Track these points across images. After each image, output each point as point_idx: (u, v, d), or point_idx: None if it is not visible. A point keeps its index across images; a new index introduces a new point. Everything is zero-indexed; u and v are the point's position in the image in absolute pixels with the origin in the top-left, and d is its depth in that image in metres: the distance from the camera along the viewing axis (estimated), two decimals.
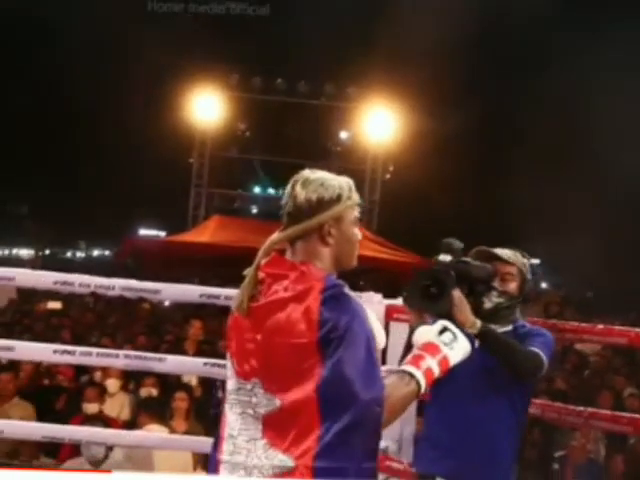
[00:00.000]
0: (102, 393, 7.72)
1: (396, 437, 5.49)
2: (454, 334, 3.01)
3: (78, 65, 27.28)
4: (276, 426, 2.76)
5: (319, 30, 23.46)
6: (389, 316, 5.36)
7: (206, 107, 24.09)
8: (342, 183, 2.93)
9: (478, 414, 3.98)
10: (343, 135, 25.88)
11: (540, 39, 24.84)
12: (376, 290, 6.04)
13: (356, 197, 2.96)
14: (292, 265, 2.86)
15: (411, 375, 2.84)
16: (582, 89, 22.91)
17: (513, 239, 3.93)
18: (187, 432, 6.75)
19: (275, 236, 2.92)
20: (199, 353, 8.43)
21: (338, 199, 2.89)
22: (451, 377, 3.76)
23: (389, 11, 23.54)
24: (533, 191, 27.12)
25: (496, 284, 4.03)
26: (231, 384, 2.91)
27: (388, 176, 26.18)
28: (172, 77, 24.15)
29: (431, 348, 2.95)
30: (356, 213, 2.96)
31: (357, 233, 2.97)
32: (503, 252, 4.13)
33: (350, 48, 22.53)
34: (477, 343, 3.71)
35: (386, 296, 5.79)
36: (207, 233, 21.49)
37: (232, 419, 2.88)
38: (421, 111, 23.82)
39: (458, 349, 2.99)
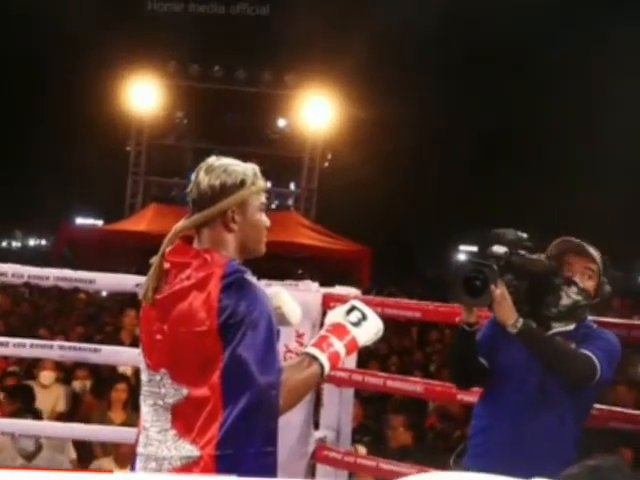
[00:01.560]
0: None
1: (334, 426, 5.48)
2: (363, 313, 2.95)
3: (23, 47, 26.86)
4: (184, 416, 2.77)
5: (255, 16, 23.39)
6: (326, 305, 5.34)
7: (143, 95, 23.91)
8: (247, 169, 2.93)
9: (522, 421, 3.59)
10: (281, 123, 25.85)
11: (484, 20, 24.93)
12: (315, 278, 6.04)
13: (262, 183, 2.95)
14: (196, 253, 2.85)
15: (313, 357, 2.82)
16: (517, 68, 23.11)
17: (451, 227, 3.81)
18: (125, 423, 6.70)
19: (179, 224, 2.91)
20: (135, 343, 8.38)
21: (241, 184, 2.88)
22: (498, 374, 3.69)
23: None
24: (470, 177, 27.36)
25: (578, 280, 3.66)
26: (144, 376, 2.91)
27: (326, 164, 26.21)
28: (109, 64, 23.87)
29: (338, 329, 2.91)
30: (262, 199, 2.95)
31: (264, 219, 2.96)
32: (589, 247, 3.71)
33: (287, 35, 22.45)
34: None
35: (325, 284, 5.78)
36: (144, 222, 21.33)
37: (145, 411, 2.89)
38: (358, 98, 23.85)
39: (367, 328, 2.94)
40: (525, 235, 3.68)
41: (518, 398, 3.61)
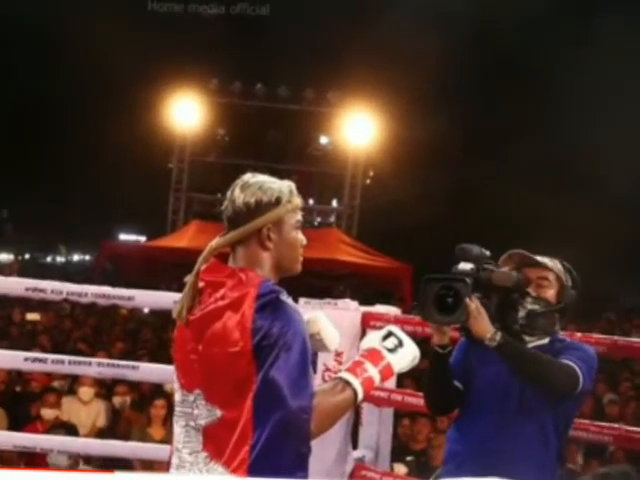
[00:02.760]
0: (59, 399, 7.64)
1: (373, 445, 5.43)
2: (399, 339, 2.90)
3: (59, 68, 27.15)
4: (215, 438, 2.73)
5: (300, 35, 23.44)
6: (366, 323, 5.30)
7: (185, 112, 24.03)
8: (282, 186, 2.88)
9: (502, 441, 3.49)
10: (323, 140, 25.84)
11: (526, 43, 24.86)
12: (355, 295, 5.98)
13: (297, 201, 2.90)
14: (231, 272, 2.80)
15: (347, 382, 2.76)
16: (571, 93, 22.95)
17: (492, 247, 3.70)
18: (164, 439, 6.68)
19: (214, 242, 2.86)
20: None
21: (277, 202, 2.83)
22: (475, 394, 3.66)
23: (370, 16, 23.55)
24: (515, 199, 27.19)
25: (531, 290, 3.60)
26: (177, 396, 2.88)
27: (368, 181, 26.17)
28: (151, 81, 24.05)
29: (373, 354, 2.86)
30: (298, 217, 2.90)
31: (300, 238, 2.91)
32: (540, 257, 3.66)
33: (331, 53, 22.50)
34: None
35: (366, 301, 5.73)
36: (186, 238, 21.40)
37: (177, 432, 2.86)
38: (402, 116, 23.83)
39: (403, 355, 2.88)
40: (488, 252, 3.62)
41: (498, 415, 3.52)
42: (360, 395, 2.77)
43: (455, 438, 3.68)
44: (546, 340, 3.63)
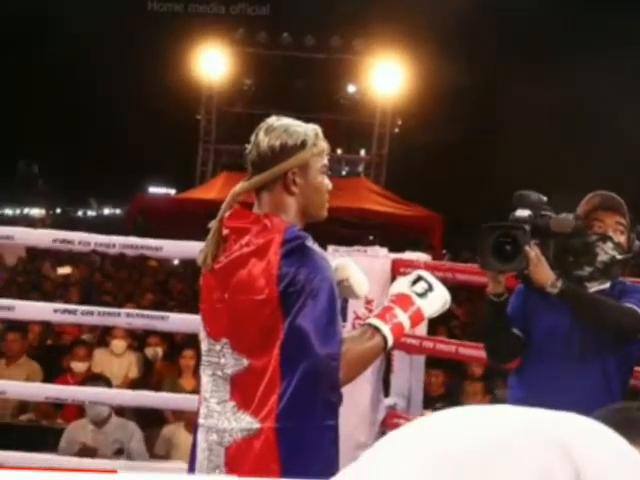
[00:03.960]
0: (91, 351, 7.68)
1: (405, 393, 5.40)
2: (429, 284, 2.83)
3: (87, 21, 27.07)
4: (243, 387, 2.69)
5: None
6: (396, 270, 5.24)
7: (212, 63, 23.89)
8: (308, 130, 2.80)
9: (564, 387, 3.40)
10: (351, 88, 25.64)
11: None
12: (385, 245, 5.92)
13: (323, 144, 2.81)
14: (255, 218, 2.74)
15: (376, 328, 2.71)
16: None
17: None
18: (195, 389, 6.70)
19: (237, 187, 2.79)
20: None
21: (302, 145, 2.76)
22: (536, 341, 3.60)
23: None
24: (549, 147, 26.91)
25: (613, 235, 3.51)
26: (203, 345, 2.84)
27: (397, 130, 25.98)
28: (177, 33, 23.92)
29: (402, 300, 2.79)
30: (324, 161, 2.82)
31: (326, 182, 2.84)
32: (619, 199, 3.57)
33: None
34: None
35: (395, 249, 5.67)
36: (215, 190, 21.38)
37: (204, 381, 2.84)
38: (430, 62, 23.55)
39: (434, 299, 2.82)
40: (545, 198, 3.54)
41: (560, 360, 3.49)
42: (390, 341, 2.72)
43: (517, 385, 3.65)
44: (607, 285, 3.57)
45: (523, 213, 3.46)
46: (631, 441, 1.15)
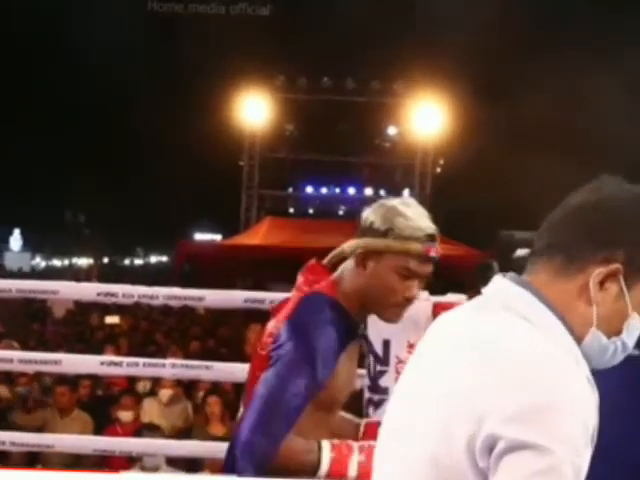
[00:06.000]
0: (138, 401, 7.72)
1: None
2: None
3: (129, 71, 27.49)
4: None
5: (365, 26, 23.39)
6: (437, 313, 5.25)
7: (254, 109, 24.17)
8: (407, 224, 2.59)
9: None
10: (391, 131, 25.78)
11: (596, 21, 24.44)
12: (429, 286, 5.89)
13: (414, 247, 2.56)
14: (322, 277, 2.69)
15: (319, 448, 2.53)
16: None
17: None
18: (224, 436, 6.73)
19: (346, 245, 2.73)
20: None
21: (385, 233, 2.59)
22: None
23: (433, 2, 23.37)
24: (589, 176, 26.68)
25: None
26: None
27: (439, 170, 26.03)
28: (220, 81, 24.24)
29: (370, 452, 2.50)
30: (407, 264, 2.57)
31: (399, 286, 2.58)
32: None
33: (395, 43, 22.41)
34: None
35: (440, 291, 5.66)
36: (259, 235, 21.53)
37: None
38: (469, 103, 23.63)
39: None
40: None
41: None
42: (322, 471, 2.52)
43: None
44: None
45: (522, 252, 3.46)
46: None
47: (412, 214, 2.59)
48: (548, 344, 1.48)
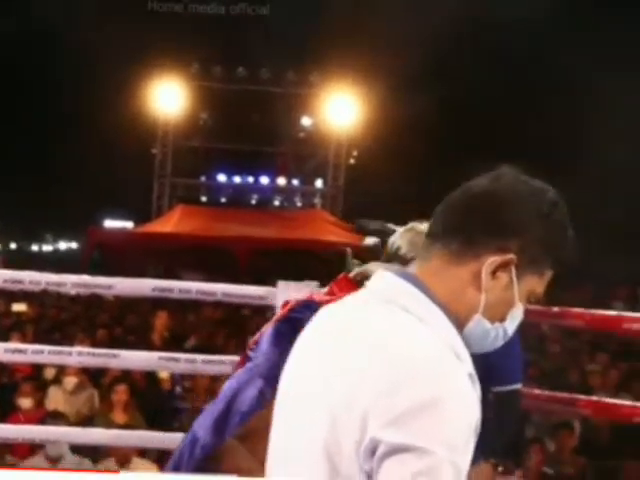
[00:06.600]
0: (40, 387, 7.67)
1: None
2: None
3: (42, 55, 27.03)
4: None
5: (279, 17, 23.35)
6: None
7: (167, 97, 24.00)
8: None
9: None
10: (306, 121, 25.84)
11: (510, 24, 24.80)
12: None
13: None
14: (338, 291, 2.66)
15: None
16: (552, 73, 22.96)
17: None
18: (127, 424, 6.73)
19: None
20: (164, 345, 8.45)
21: (411, 261, 2.65)
22: None
23: None
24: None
25: None
26: None
27: (352, 161, 26.17)
28: (133, 67, 23.96)
29: None
30: None
31: None
32: None
33: (311, 34, 22.41)
34: None
35: None
36: (171, 223, 21.43)
37: None
38: (383, 95, 23.78)
39: None
40: (393, 226, 3.62)
41: None
42: None
43: None
44: None
45: (370, 241, 3.55)
46: None
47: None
48: (430, 342, 1.50)
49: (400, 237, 2.71)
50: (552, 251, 1.61)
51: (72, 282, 5.23)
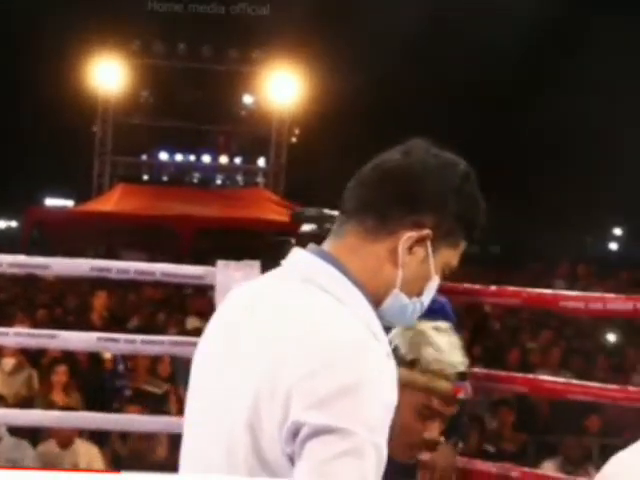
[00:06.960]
0: None
1: None
2: None
3: None
4: None
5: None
6: None
7: (108, 74, 23.72)
8: (437, 355, 2.22)
9: None
10: (248, 99, 25.73)
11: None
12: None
13: (445, 386, 2.26)
14: None
15: None
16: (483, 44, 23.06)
17: None
18: (66, 405, 6.66)
19: None
20: (105, 325, 8.36)
21: (410, 364, 2.24)
22: None
23: None
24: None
25: None
26: None
27: (294, 139, 26.14)
28: (74, 44, 23.65)
29: None
30: (433, 403, 2.24)
31: (418, 427, 2.23)
32: None
33: (253, 12, 22.31)
34: None
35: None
36: (112, 202, 21.23)
37: None
38: (324, 74, 23.76)
39: None
40: (331, 211, 3.64)
41: None
42: None
43: None
44: None
45: (307, 227, 3.55)
46: None
47: (444, 344, 2.25)
48: (349, 324, 1.50)
49: (401, 334, 2.28)
50: (465, 224, 1.62)
51: (8, 262, 5.13)
